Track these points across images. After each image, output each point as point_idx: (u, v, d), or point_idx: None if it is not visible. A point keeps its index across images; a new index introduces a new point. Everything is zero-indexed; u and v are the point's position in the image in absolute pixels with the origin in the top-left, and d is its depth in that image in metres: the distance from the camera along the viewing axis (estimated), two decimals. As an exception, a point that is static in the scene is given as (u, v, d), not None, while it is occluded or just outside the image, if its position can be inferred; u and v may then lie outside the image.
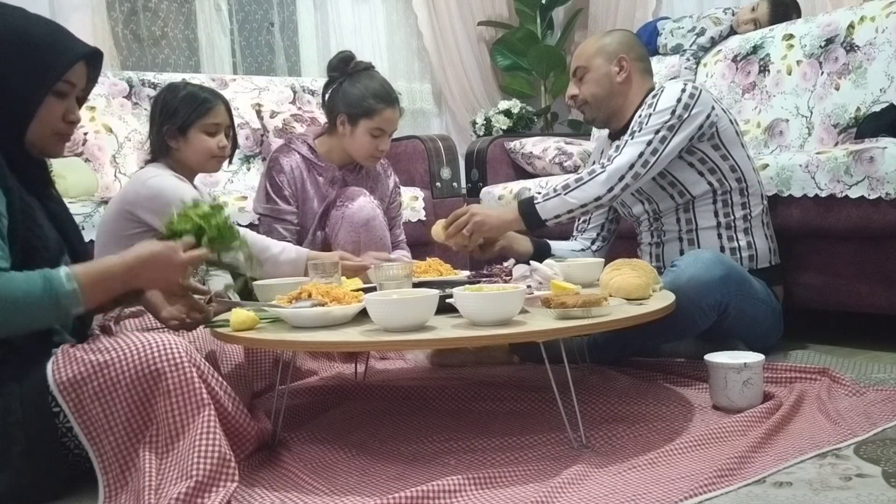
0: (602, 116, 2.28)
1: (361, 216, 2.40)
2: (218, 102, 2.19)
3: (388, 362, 2.32)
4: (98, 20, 3.73)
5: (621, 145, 2.08)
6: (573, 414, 1.52)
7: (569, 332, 1.53)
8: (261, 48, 4.47)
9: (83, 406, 1.33)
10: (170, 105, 2.16)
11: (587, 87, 2.26)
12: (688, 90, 2.06)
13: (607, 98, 2.24)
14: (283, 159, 2.50)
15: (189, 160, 2.18)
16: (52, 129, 1.44)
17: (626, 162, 2.04)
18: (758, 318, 2.02)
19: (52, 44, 1.41)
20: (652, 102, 2.09)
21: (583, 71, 2.26)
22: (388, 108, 2.43)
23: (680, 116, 2.03)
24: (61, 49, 1.42)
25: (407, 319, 1.44)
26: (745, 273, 2.02)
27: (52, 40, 1.41)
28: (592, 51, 2.26)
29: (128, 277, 1.40)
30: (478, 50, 4.92)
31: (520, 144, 3.72)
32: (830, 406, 1.63)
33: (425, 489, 1.28)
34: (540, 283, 1.80)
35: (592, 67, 2.25)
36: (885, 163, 2.00)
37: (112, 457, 1.32)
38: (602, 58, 2.24)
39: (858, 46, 2.68)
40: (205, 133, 2.16)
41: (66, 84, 1.43)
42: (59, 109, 1.43)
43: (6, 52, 1.37)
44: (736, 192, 2.12)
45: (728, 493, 1.26)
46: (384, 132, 2.44)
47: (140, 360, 1.33)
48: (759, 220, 2.15)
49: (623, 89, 2.23)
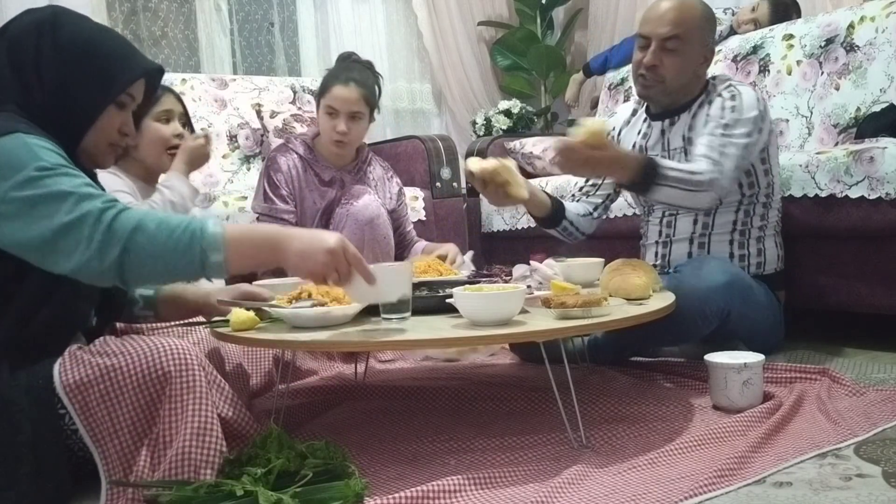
0: (667, 100, 2.10)
1: (366, 214, 2.40)
2: (165, 91, 2.13)
3: (388, 362, 2.32)
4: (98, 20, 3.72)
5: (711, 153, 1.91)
6: (573, 414, 1.52)
7: (569, 332, 1.53)
8: (261, 48, 4.47)
9: (89, 409, 1.32)
10: None
11: (675, 63, 2.02)
12: (760, 96, 2.00)
13: (684, 85, 2.06)
14: (280, 158, 2.50)
15: (145, 156, 2.13)
16: (107, 140, 1.45)
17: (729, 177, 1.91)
18: (759, 323, 2.01)
19: (121, 56, 1.43)
20: (737, 104, 1.97)
21: (678, 44, 2.00)
22: (338, 84, 2.43)
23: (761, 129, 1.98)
24: (128, 62, 1.44)
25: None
26: (748, 279, 2.00)
27: (121, 52, 1.43)
28: (692, 24, 2.00)
29: (278, 245, 1.32)
30: (478, 50, 4.92)
31: (520, 144, 3.72)
32: (830, 406, 1.63)
33: (425, 489, 1.28)
34: (540, 283, 1.81)
35: (688, 43, 2.00)
36: (885, 163, 2.00)
37: (116, 460, 1.32)
38: (699, 39, 2.02)
39: (858, 46, 2.68)
40: (157, 121, 2.12)
41: (128, 97, 1.45)
42: (117, 121, 1.44)
43: (76, 59, 1.38)
44: (761, 203, 2.10)
45: (728, 493, 1.26)
46: (337, 111, 2.45)
47: (148, 364, 1.33)
48: (773, 229, 2.14)
49: (695, 82, 2.08)
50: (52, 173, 1.26)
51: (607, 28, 4.69)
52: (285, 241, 1.33)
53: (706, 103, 2.08)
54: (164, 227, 1.25)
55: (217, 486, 1.24)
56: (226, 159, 3.49)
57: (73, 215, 1.24)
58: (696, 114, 2.09)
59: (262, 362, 1.98)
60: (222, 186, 3.34)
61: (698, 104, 2.10)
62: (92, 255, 1.23)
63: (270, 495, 1.21)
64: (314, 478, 1.28)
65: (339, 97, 2.44)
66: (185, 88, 3.48)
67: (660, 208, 2.20)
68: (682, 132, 2.11)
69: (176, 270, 1.28)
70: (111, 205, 1.26)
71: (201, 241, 1.26)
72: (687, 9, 2.02)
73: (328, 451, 1.35)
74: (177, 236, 1.25)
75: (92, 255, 1.23)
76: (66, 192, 1.25)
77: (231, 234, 1.28)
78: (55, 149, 1.31)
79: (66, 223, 1.24)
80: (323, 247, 1.32)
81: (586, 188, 2.31)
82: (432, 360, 2.32)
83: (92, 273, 1.26)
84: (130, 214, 1.26)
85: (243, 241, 1.30)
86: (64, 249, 1.24)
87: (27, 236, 1.26)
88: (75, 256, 1.24)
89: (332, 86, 2.45)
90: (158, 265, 1.26)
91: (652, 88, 2.08)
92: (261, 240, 1.33)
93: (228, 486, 1.23)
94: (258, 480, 1.25)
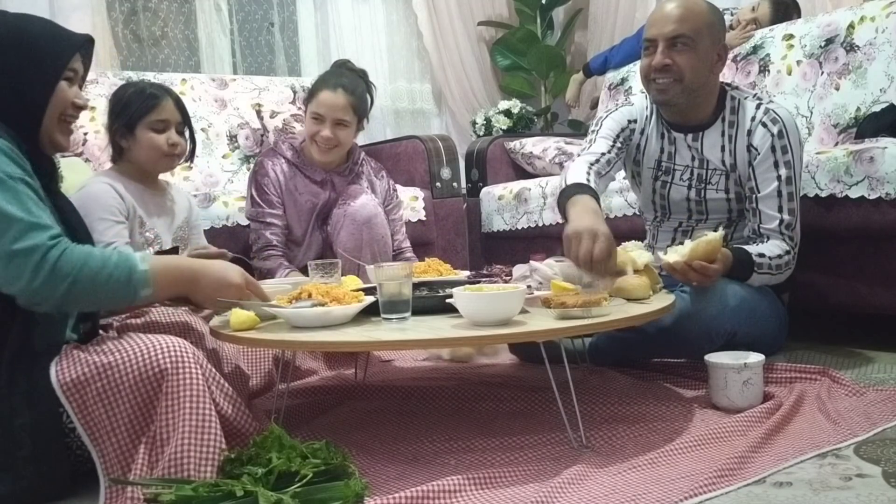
0: (685, 103, 2.02)
1: (363, 214, 2.40)
2: (164, 97, 2.10)
3: (385, 363, 2.32)
4: (98, 20, 3.73)
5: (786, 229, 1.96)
6: (573, 414, 1.52)
7: (569, 332, 1.53)
8: (261, 48, 4.47)
9: (87, 407, 1.33)
10: (118, 105, 2.09)
11: (688, 60, 1.95)
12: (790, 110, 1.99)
13: (702, 85, 1.99)
14: (267, 163, 2.50)
15: (140, 159, 2.10)
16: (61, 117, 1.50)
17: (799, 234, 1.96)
18: (764, 334, 1.99)
19: (53, 36, 1.49)
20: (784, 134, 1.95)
21: (687, 41, 1.94)
22: (325, 89, 2.42)
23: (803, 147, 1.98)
24: (61, 40, 1.50)
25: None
26: (755, 296, 1.96)
27: (51, 32, 1.49)
28: (700, 22, 1.95)
29: (194, 278, 1.48)
30: (478, 50, 4.92)
31: (520, 144, 3.72)
32: (830, 406, 1.63)
33: (425, 489, 1.28)
34: (540, 283, 1.80)
35: (698, 42, 1.95)
36: (885, 163, 2.00)
37: (114, 458, 1.32)
38: (709, 37, 1.96)
39: (858, 46, 2.68)
40: (152, 130, 2.07)
41: (71, 71, 1.50)
42: (69, 95, 1.49)
43: (12, 51, 1.43)
44: None
45: (728, 493, 1.26)
46: (322, 117, 2.43)
47: (145, 362, 1.33)
48: None
49: (712, 81, 2.02)
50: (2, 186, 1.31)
51: (607, 28, 4.68)
52: (199, 276, 1.49)
53: (738, 122, 2.02)
54: (104, 268, 1.36)
55: (217, 485, 1.24)
56: (226, 159, 3.49)
57: (19, 245, 1.30)
58: (731, 136, 2.03)
59: (262, 363, 1.97)
60: (222, 186, 3.34)
61: (727, 123, 2.04)
62: (35, 288, 1.31)
63: (270, 495, 1.21)
64: (314, 478, 1.28)
65: (326, 103, 2.43)
66: (185, 88, 3.48)
67: (678, 216, 2.19)
68: (718, 154, 2.05)
69: (111, 303, 1.46)
70: (56, 242, 1.33)
71: (133, 278, 1.39)
72: (692, 7, 1.98)
73: (328, 451, 1.35)
74: (115, 277, 1.37)
75: (35, 288, 1.31)
76: (11, 216, 1.30)
77: (156, 270, 1.42)
78: (9, 152, 1.35)
79: (12, 252, 1.30)
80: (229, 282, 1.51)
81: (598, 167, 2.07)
82: (442, 360, 2.31)
83: (30, 302, 1.34)
84: (74, 255, 1.34)
85: (166, 275, 1.45)
86: (6, 275, 1.31)
87: None
88: (18, 284, 1.31)
89: (320, 91, 2.43)
90: (96, 300, 1.40)
91: (668, 91, 1.99)
92: (179, 274, 1.48)
93: (228, 485, 1.23)
94: (258, 480, 1.25)
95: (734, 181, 2.06)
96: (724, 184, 2.06)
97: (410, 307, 1.54)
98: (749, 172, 2.01)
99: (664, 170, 2.15)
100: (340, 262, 1.92)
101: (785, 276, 2.00)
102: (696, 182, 2.10)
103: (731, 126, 2.04)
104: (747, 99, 2.05)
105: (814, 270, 2.24)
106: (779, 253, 1.96)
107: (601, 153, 2.10)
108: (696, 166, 2.10)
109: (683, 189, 2.12)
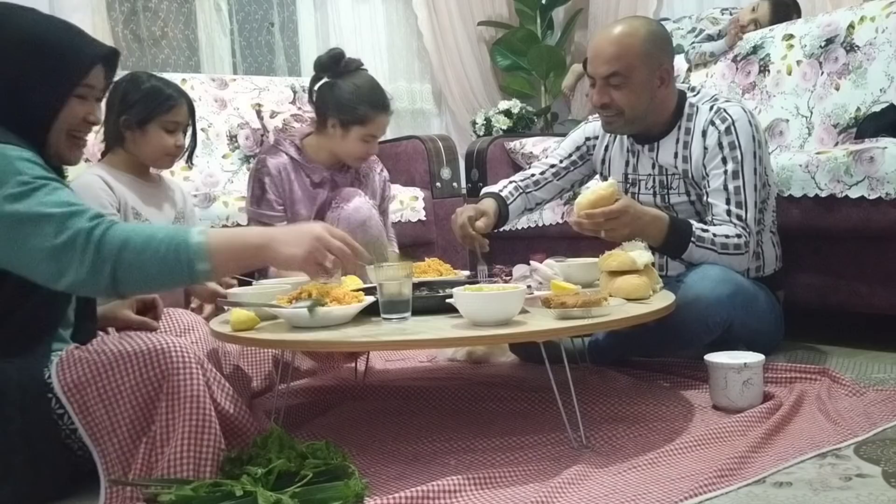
0: (634, 129, 2.10)
1: (358, 217, 2.39)
2: (181, 101, 2.13)
3: (388, 362, 2.32)
4: (98, 20, 3.73)
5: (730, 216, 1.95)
6: (573, 414, 1.52)
7: (569, 332, 1.53)
8: (261, 48, 4.47)
9: (88, 408, 1.32)
10: (131, 96, 2.09)
11: (624, 96, 2.00)
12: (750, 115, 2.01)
13: (645, 111, 2.03)
14: (269, 161, 2.49)
15: (142, 154, 2.12)
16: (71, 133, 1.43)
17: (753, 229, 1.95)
18: (761, 329, 2.00)
19: (72, 47, 1.40)
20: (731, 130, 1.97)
21: (621, 80, 1.99)
22: (381, 114, 2.41)
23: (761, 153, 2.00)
24: (80, 52, 1.41)
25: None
26: (751, 288, 1.98)
27: (70, 43, 1.41)
28: (632, 56, 1.97)
29: (264, 246, 1.35)
30: (478, 50, 4.92)
31: (520, 144, 3.72)
32: (830, 406, 1.63)
33: (425, 489, 1.28)
34: (540, 283, 1.80)
35: (633, 77, 1.98)
36: (885, 163, 2.00)
37: (115, 458, 1.32)
38: (645, 67, 1.98)
39: (858, 46, 2.68)
40: (164, 130, 2.10)
41: (86, 87, 1.42)
42: (80, 112, 1.42)
43: (26, 58, 1.36)
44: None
45: (728, 493, 1.26)
46: (376, 137, 2.44)
47: (145, 363, 1.33)
48: (769, 230, 2.13)
49: (660, 100, 2.05)
50: (33, 188, 1.27)
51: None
52: (270, 241, 1.36)
53: (693, 127, 2.05)
54: (151, 241, 1.28)
55: (216, 485, 1.24)
56: (226, 159, 3.49)
57: (62, 238, 1.25)
58: (686, 142, 2.07)
59: (262, 364, 1.97)
60: (222, 186, 3.34)
61: (683, 130, 2.07)
62: (85, 274, 1.26)
63: (270, 495, 1.21)
64: (314, 478, 1.29)
65: (384, 126, 2.43)
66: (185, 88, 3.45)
67: None
68: (672, 160, 2.09)
69: (167, 281, 1.33)
70: (98, 222, 1.28)
71: (187, 252, 1.28)
72: (625, 40, 1.98)
73: (328, 451, 1.35)
74: (163, 250, 1.28)
75: (85, 274, 1.26)
76: (50, 214, 1.26)
77: (214, 241, 1.31)
78: (33, 158, 1.31)
79: (57, 246, 1.25)
80: (309, 235, 1.36)
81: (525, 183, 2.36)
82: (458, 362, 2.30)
83: (87, 289, 1.31)
84: (117, 232, 1.27)
85: (227, 247, 1.34)
86: (56, 271, 1.26)
87: (16, 256, 1.27)
88: (69, 276, 1.26)
89: (377, 115, 2.38)
90: (149, 278, 1.30)
91: (613, 123, 2.08)
92: (245, 243, 1.36)
93: (228, 485, 1.23)
94: (258, 480, 1.25)
95: (691, 184, 2.09)
96: (684, 187, 2.10)
97: (410, 307, 1.54)
98: (703, 171, 2.04)
99: (631, 181, 2.21)
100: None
101: (735, 260, 1.92)
102: (659, 189, 2.14)
103: (687, 133, 2.07)
104: (704, 103, 2.08)
105: (814, 270, 2.24)
106: (726, 233, 1.92)
107: (538, 171, 2.36)
108: (656, 174, 2.15)
109: (650, 196, 2.17)
